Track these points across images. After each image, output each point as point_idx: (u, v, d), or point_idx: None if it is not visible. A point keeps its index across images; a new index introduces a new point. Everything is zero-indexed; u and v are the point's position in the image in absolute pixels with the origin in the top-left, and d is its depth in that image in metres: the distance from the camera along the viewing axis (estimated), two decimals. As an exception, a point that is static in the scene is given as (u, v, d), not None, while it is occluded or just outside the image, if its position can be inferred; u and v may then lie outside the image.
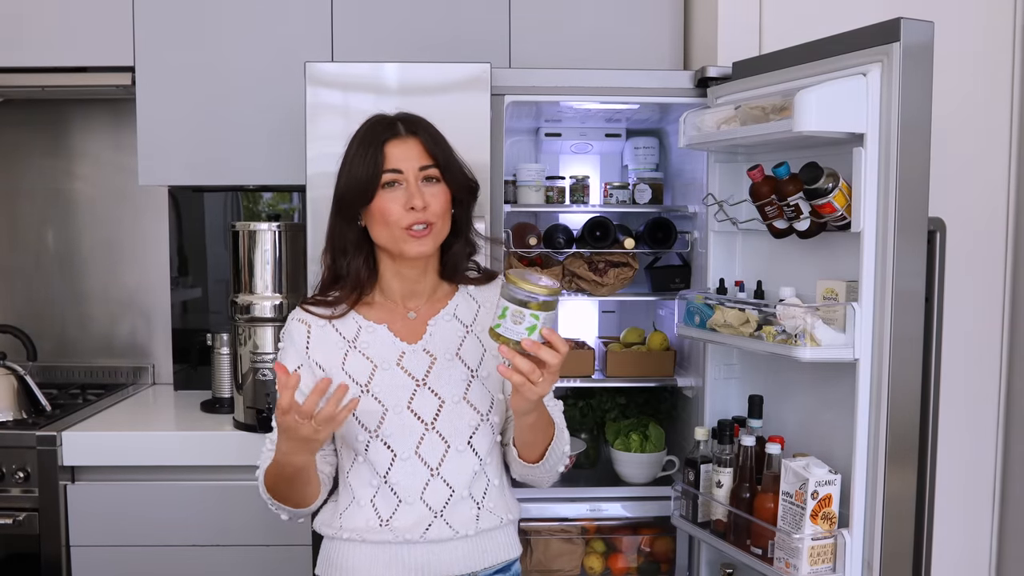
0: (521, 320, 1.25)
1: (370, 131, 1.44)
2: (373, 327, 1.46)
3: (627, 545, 2.29)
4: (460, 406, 1.43)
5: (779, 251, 1.90)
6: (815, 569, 1.64)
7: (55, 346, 2.85)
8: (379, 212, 1.40)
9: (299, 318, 1.48)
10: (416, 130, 1.43)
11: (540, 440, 1.42)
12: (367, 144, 1.41)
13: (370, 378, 1.43)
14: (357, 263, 1.46)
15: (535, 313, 1.25)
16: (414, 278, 1.48)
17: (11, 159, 2.85)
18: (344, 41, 2.40)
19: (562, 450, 1.47)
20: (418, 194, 1.39)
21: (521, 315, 1.25)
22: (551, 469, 1.47)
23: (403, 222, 1.39)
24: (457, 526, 1.43)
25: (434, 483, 1.42)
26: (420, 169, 1.41)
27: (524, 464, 1.45)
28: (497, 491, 1.48)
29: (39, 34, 2.43)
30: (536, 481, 1.49)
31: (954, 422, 2.12)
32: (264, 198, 2.86)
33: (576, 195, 2.37)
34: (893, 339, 1.59)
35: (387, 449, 1.41)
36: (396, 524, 1.41)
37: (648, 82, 2.10)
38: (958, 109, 2.08)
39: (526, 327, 1.25)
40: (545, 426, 1.42)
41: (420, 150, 1.42)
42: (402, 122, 1.44)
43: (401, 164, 1.40)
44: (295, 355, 1.46)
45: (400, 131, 1.42)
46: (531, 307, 1.25)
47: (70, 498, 2.17)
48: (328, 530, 1.47)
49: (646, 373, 2.28)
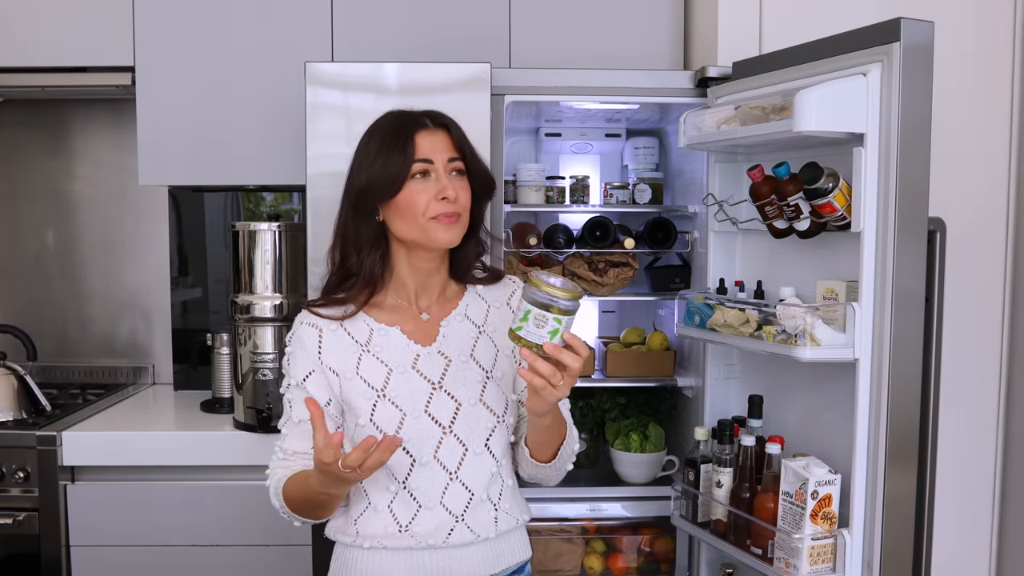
0: (544, 324, 1.23)
1: (397, 123, 1.42)
2: (385, 329, 1.43)
3: (627, 545, 2.29)
4: (477, 408, 1.42)
5: (779, 251, 1.90)
6: (815, 569, 1.64)
7: (55, 346, 2.86)
8: (406, 203, 1.38)
9: (309, 322, 1.43)
10: (444, 123, 1.43)
11: (554, 440, 1.42)
12: (395, 135, 1.39)
13: (386, 382, 1.40)
14: (372, 259, 1.42)
15: (558, 317, 1.23)
16: (428, 272, 1.46)
17: (11, 159, 2.85)
18: (344, 41, 2.40)
19: (572, 448, 1.46)
20: (451, 185, 1.38)
21: (544, 319, 1.23)
22: (561, 468, 1.47)
23: (432, 211, 1.37)
24: (478, 529, 1.41)
25: (453, 487, 1.40)
26: (449, 161, 1.40)
27: (536, 464, 1.44)
28: (511, 492, 1.47)
29: (39, 34, 2.43)
30: (546, 480, 1.48)
31: (954, 422, 2.12)
32: (265, 198, 2.86)
33: (576, 195, 2.37)
34: (893, 339, 1.59)
35: (406, 455, 1.39)
36: (417, 529, 1.39)
37: (648, 82, 2.10)
38: (958, 109, 2.08)
39: (548, 331, 1.23)
40: (559, 426, 1.41)
41: (449, 142, 1.41)
42: (428, 116, 1.43)
43: (432, 155, 1.39)
44: (306, 360, 1.41)
45: (428, 123, 1.42)
46: (554, 311, 1.23)
47: (70, 498, 2.17)
48: (344, 537, 1.44)
49: (646, 373, 2.28)
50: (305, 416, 1.37)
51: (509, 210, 2.19)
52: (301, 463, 1.41)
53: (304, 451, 1.41)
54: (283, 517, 1.44)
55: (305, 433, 1.37)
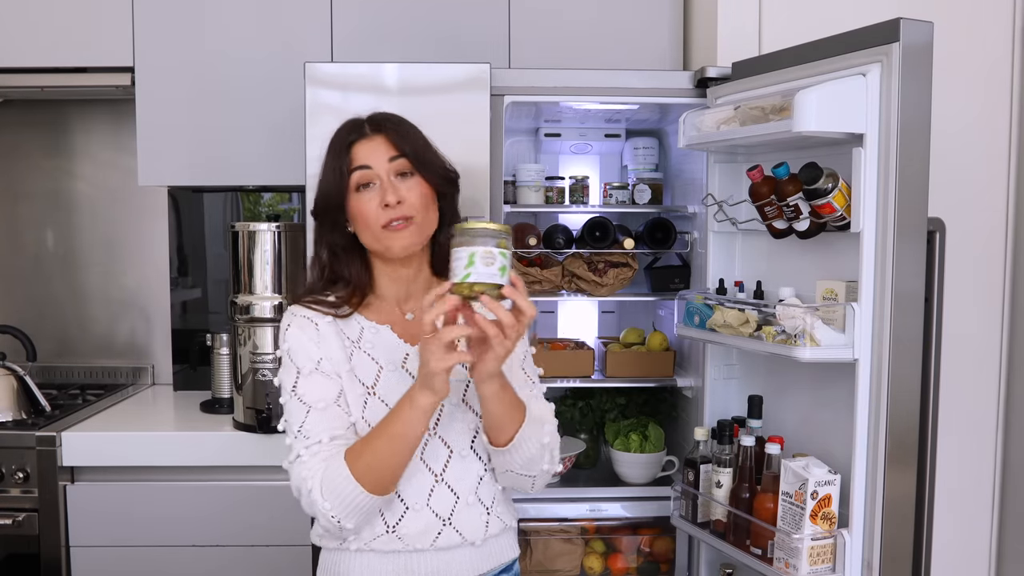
0: (492, 261, 1.19)
1: (339, 134, 1.43)
2: (376, 328, 1.44)
3: (627, 545, 2.29)
4: (459, 409, 1.42)
5: (779, 251, 1.90)
6: (815, 569, 1.64)
7: (55, 346, 2.85)
8: (358, 215, 1.39)
9: (303, 315, 1.42)
10: (381, 128, 1.41)
11: (507, 418, 1.34)
12: (336, 147, 1.41)
13: (376, 379, 1.40)
14: (354, 268, 1.44)
15: (503, 252, 1.20)
16: (408, 278, 1.46)
17: (11, 159, 2.85)
18: (344, 41, 2.40)
19: (540, 441, 1.38)
20: (391, 189, 1.37)
21: (491, 255, 1.19)
22: (526, 461, 1.38)
23: (380, 221, 1.37)
24: (466, 533, 1.41)
25: (439, 489, 1.40)
26: (389, 161, 1.39)
27: (495, 450, 1.38)
28: (502, 496, 1.47)
29: (39, 34, 2.43)
30: (516, 482, 1.42)
31: (954, 422, 2.12)
32: (264, 198, 2.86)
33: (576, 195, 2.37)
34: (893, 339, 1.59)
35: None
36: (404, 531, 1.39)
37: (648, 82, 2.10)
38: (958, 109, 2.08)
39: (498, 267, 1.19)
40: (511, 402, 1.34)
41: (386, 145, 1.40)
42: (369, 122, 1.43)
43: (369, 160, 1.39)
44: (312, 348, 1.39)
45: (366, 131, 1.41)
46: (500, 244, 1.20)
47: (70, 498, 2.17)
48: (331, 542, 1.43)
49: (646, 373, 2.28)
50: (330, 398, 1.36)
51: (508, 210, 2.19)
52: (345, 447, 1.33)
53: (342, 434, 1.35)
54: (331, 523, 1.31)
55: (337, 416, 1.35)
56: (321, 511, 1.31)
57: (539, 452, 1.38)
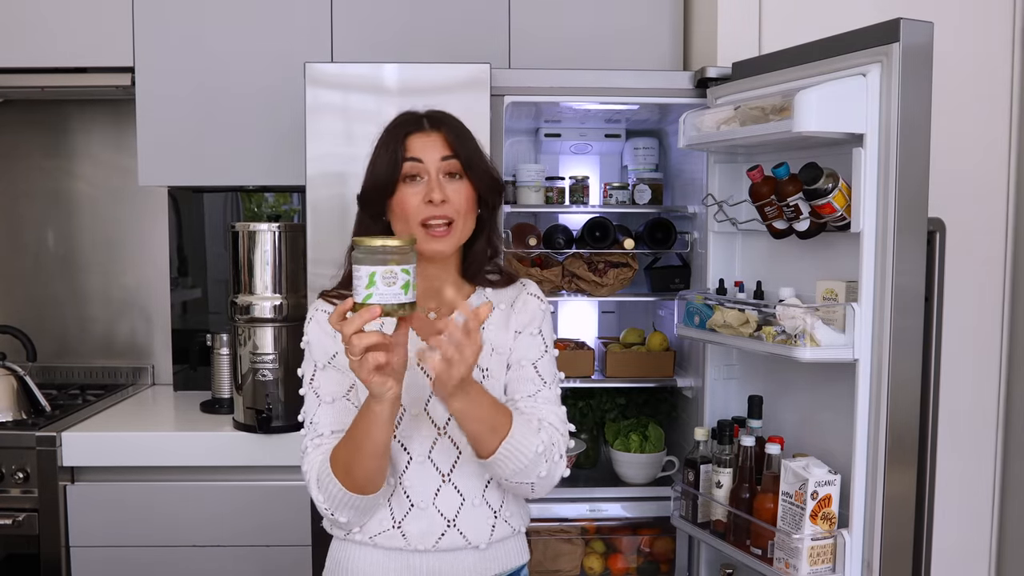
0: (394, 280, 1.16)
1: (395, 123, 1.43)
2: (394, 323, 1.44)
3: (627, 545, 2.29)
4: None
5: (779, 251, 1.90)
6: (815, 569, 1.64)
7: (55, 346, 2.85)
8: (399, 205, 1.38)
9: (323, 308, 1.44)
10: (440, 125, 1.42)
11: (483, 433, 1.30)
12: (391, 136, 1.41)
13: None
14: None
15: (405, 268, 1.17)
16: (435, 275, 1.45)
17: (11, 159, 2.85)
18: (344, 41, 2.40)
19: (530, 451, 1.31)
20: (438, 188, 1.37)
21: (392, 274, 1.16)
22: (515, 471, 1.33)
23: (420, 215, 1.37)
24: (470, 536, 1.40)
25: (445, 489, 1.39)
26: (441, 160, 1.39)
27: (479, 462, 1.35)
28: (513, 499, 1.45)
29: (39, 34, 2.43)
30: (514, 489, 1.39)
31: (954, 422, 2.12)
32: (265, 199, 2.86)
33: (576, 196, 2.37)
34: (893, 339, 1.59)
35: (403, 451, 1.39)
36: (408, 529, 1.39)
37: (648, 82, 2.11)
38: (958, 109, 2.08)
39: (401, 285, 1.17)
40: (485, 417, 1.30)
41: (442, 144, 1.40)
42: (427, 117, 1.43)
43: (422, 154, 1.38)
44: (329, 343, 1.40)
45: (424, 126, 1.42)
46: (392, 262, 1.16)
47: (70, 498, 2.17)
48: (337, 532, 1.43)
49: (646, 374, 2.28)
50: (340, 392, 1.37)
51: (509, 211, 2.20)
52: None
53: (344, 429, 1.34)
54: (327, 515, 1.35)
55: (344, 410, 1.36)
56: (317, 502, 1.35)
57: (532, 461, 1.33)
